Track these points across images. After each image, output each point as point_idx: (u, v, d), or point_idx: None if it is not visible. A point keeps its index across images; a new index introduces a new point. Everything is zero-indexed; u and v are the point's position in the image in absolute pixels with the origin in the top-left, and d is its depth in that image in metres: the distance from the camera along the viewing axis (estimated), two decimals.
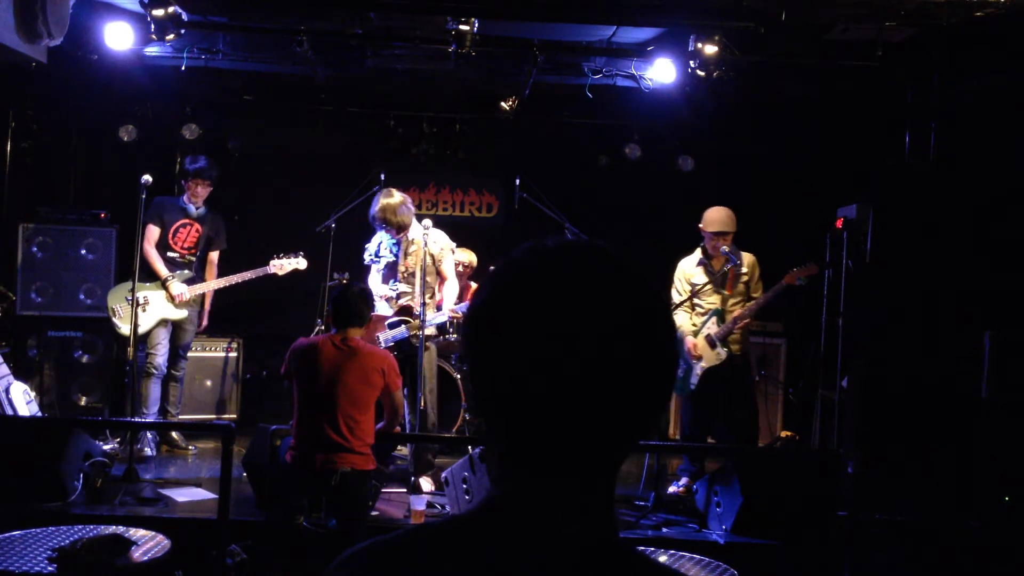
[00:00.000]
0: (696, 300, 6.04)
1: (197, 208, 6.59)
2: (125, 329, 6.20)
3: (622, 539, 0.96)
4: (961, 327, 5.44)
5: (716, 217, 5.96)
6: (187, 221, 6.57)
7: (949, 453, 5.31)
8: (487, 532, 0.93)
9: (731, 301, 5.98)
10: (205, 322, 6.77)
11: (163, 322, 6.43)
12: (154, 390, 6.39)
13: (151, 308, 6.36)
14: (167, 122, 8.17)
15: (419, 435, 5.72)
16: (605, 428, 0.93)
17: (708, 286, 5.99)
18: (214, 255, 6.76)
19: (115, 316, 6.39)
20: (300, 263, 6.62)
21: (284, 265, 6.56)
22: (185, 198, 6.59)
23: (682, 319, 6.07)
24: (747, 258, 6.02)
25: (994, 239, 5.56)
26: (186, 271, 6.53)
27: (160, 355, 6.42)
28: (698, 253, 6.09)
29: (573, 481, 0.93)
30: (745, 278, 5.99)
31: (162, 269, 6.42)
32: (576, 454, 0.93)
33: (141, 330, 6.29)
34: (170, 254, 6.49)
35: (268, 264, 6.54)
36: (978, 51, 6.06)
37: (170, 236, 6.52)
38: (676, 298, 6.09)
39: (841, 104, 7.41)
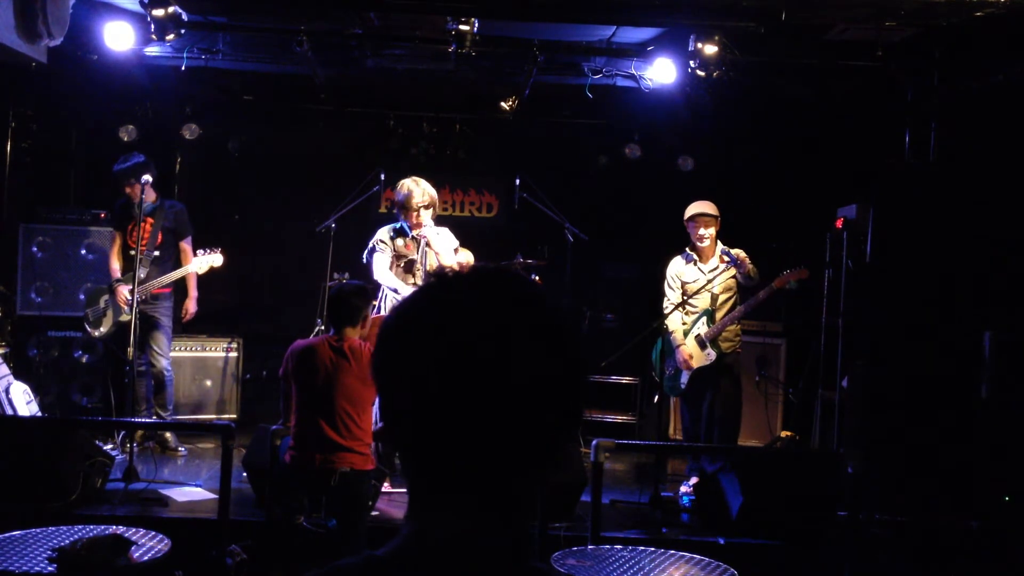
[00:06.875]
0: (687, 300, 6.01)
1: (144, 204, 6.30)
2: (96, 333, 6.54)
3: (536, 565, 0.99)
4: (961, 327, 5.43)
5: (692, 204, 5.97)
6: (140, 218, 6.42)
7: (949, 453, 5.31)
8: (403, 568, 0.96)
9: (721, 299, 5.95)
10: (191, 311, 6.66)
11: (118, 323, 6.44)
12: (139, 387, 6.35)
13: (108, 311, 6.52)
14: (167, 122, 8.17)
15: None
16: (496, 445, 0.95)
17: (696, 284, 5.95)
18: (185, 244, 6.63)
19: (86, 322, 6.57)
20: (216, 260, 6.47)
21: (202, 263, 6.44)
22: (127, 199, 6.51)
23: (676, 323, 6.03)
24: (737, 253, 5.96)
25: (994, 239, 5.55)
26: (147, 267, 6.39)
27: (131, 354, 6.20)
28: (687, 251, 6.05)
29: (477, 504, 0.96)
30: (732, 272, 5.91)
31: (115, 272, 6.53)
32: (475, 473, 0.95)
33: (103, 331, 6.51)
34: (131, 252, 6.30)
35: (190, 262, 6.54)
36: (978, 51, 6.06)
37: (128, 236, 6.46)
38: (672, 297, 6.05)
39: (841, 104, 7.40)
